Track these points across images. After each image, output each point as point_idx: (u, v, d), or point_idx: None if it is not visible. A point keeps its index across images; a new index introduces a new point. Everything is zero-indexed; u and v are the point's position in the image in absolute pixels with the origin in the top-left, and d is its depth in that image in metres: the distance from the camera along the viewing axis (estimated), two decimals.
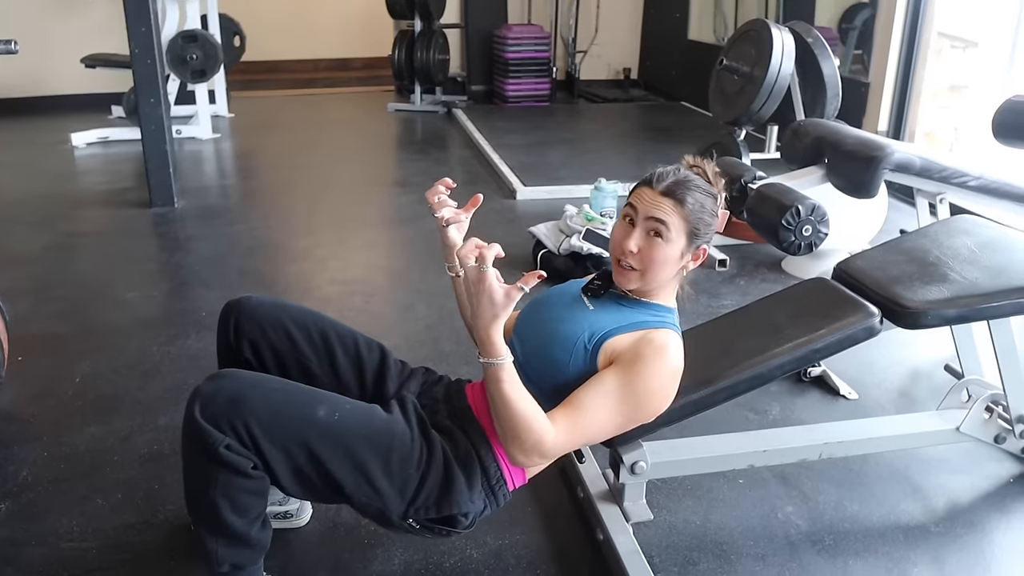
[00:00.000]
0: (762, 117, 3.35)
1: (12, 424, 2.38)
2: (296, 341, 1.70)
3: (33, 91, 6.97)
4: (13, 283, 3.39)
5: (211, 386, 1.44)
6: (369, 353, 1.75)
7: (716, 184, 1.59)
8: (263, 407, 1.43)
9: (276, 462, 1.43)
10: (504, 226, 4.17)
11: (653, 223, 1.52)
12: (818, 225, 2.43)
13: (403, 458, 1.52)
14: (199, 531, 1.49)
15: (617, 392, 1.48)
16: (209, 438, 1.39)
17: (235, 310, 1.72)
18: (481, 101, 7.52)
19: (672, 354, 1.52)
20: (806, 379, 2.60)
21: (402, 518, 1.53)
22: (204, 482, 1.43)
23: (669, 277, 1.57)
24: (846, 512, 2.02)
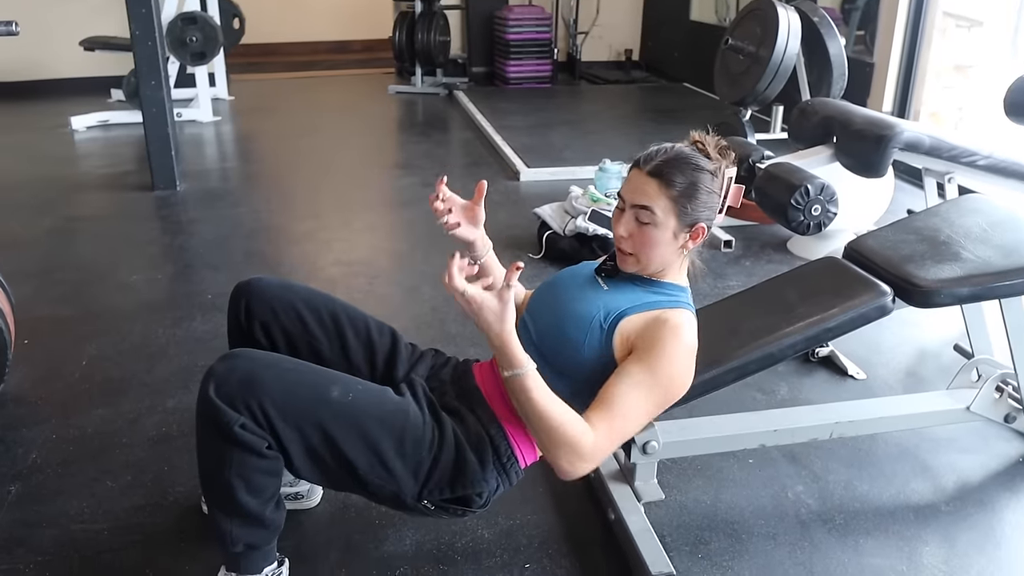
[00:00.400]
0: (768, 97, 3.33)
1: (20, 407, 2.38)
2: (307, 323, 1.70)
3: (32, 75, 6.93)
4: (16, 266, 3.36)
5: (225, 365, 1.44)
6: (380, 336, 1.75)
7: (724, 158, 1.56)
8: (277, 386, 1.43)
9: (290, 441, 1.43)
10: (508, 208, 4.16)
11: (638, 209, 1.51)
12: (827, 205, 2.42)
13: (416, 440, 1.51)
14: (213, 511, 1.49)
15: (645, 380, 1.46)
16: (224, 417, 1.39)
17: (246, 292, 1.72)
18: (482, 83, 7.48)
19: (688, 333, 1.51)
20: (814, 359, 2.60)
21: (416, 500, 1.53)
22: (219, 462, 1.43)
23: (667, 258, 1.55)
24: (856, 491, 2.02)
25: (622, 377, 1.48)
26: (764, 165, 2.61)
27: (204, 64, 5.91)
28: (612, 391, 1.47)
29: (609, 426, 1.44)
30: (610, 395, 1.46)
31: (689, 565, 1.78)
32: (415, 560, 1.79)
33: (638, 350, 1.50)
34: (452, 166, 5.01)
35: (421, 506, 1.55)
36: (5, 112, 6.37)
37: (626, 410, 1.45)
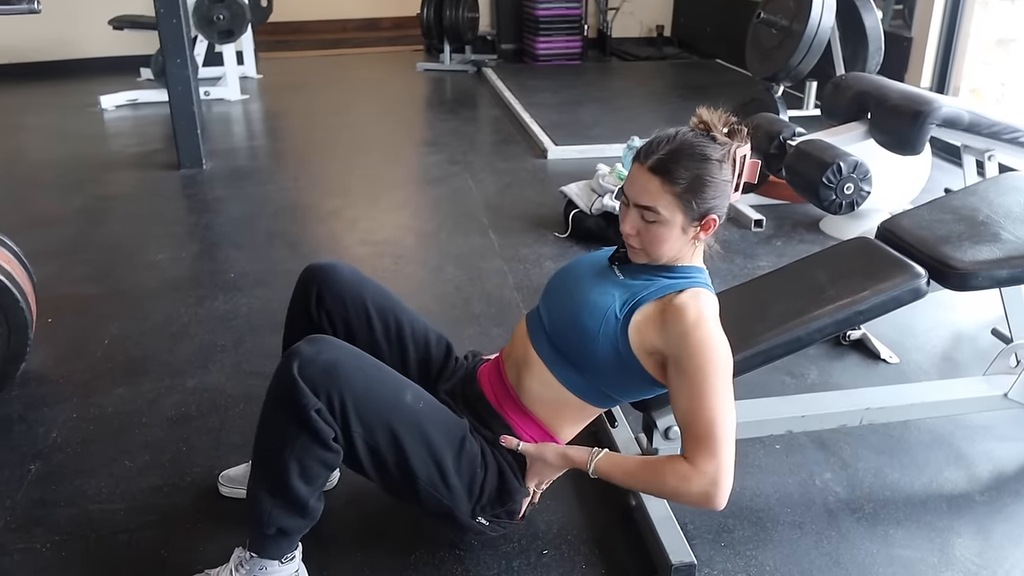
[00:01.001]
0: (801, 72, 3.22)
1: (43, 386, 2.38)
2: (372, 322, 1.69)
3: (61, 54, 6.96)
4: (43, 245, 3.38)
5: (312, 348, 1.42)
6: (437, 349, 1.75)
7: (735, 138, 1.49)
8: (359, 381, 1.42)
9: (358, 437, 1.42)
10: (535, 186, 4.10)
11: (641, 210, 1.46)
12: (860, 183, 2.33)
13: (471, 456, 1.52)
14: (258, 491, 1.47)
15: (694, 379, 1.40)
16: (303, 399, 1.37)
17: (319, 277, 1.70)
18: (511, 60, 7.40)
19: (705, 309, 1.46)
20: (845, 342, 2.53)
21: (471, 516, 1.54)
22: (283, 442, 1.41)
23: (679, 250, 1.50)
24: (886, 479, 1.96)
25: (677, 395, 1.43)
26: (795, 142, 2.52)
27: (231, 42, 5.90)
28: (683, 412, 1.42)
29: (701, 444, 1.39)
30: (685, 418, 1.42)
31: (711, 554, 1.73)
32: (432, 543, 1.76)
33: (674, 360, 1.44)
34: (480, 144, 4.96)
35: (476, 523, 1.56)
36: (36, 92, 6.41)
37: (702, 416, 1.39)
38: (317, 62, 7.75)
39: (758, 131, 2.67)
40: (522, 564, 1.71)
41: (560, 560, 1.72)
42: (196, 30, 5.78)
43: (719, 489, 1.38)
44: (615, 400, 1.61)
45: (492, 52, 7.50)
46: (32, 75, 6.78)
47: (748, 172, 1.52)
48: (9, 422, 2.20)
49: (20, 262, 2.43)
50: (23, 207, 3.95)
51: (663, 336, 1.45)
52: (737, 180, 1.51)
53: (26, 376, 2.39)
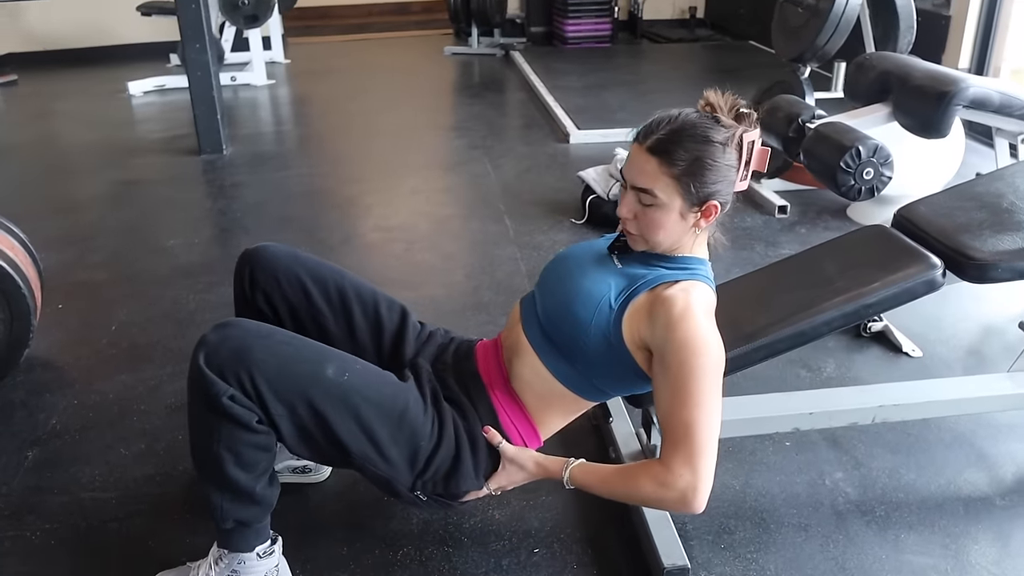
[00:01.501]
0: (828, 53, 3.09)
1: (48, 371, 2.38)
2: (312, 296, 1.62)
3: (93, 41, 7.02)
4: (62, 231, 3.41)
5: (218, 335, 1.37)
6: (389, 314, 1.67)
7: (744, 122, 1.41)
8: (270, 360, 1.36)
9: (280, 418, 1.36)
10: (554, 170, 4.03)
11: (639, 192, 1.38)
12: (881, 168, 2.21)
13: (414, 428, 1.44)
14: (204, 484, 1.44)
15: (677, 378, 1.33)
16: (213, 388, 1.32)
17: (251, 259, 1.65)
18: (540, 43, 7.30)
19: (696, 302, 1.38)
20: (866, 334, 2.42)
21: (410, 489, 1.47)
22: (208, 434, 1.37)
23: (677, 238, 1.42)
24: (901, 480, 1.87)
25: (660, 393, 1.36)
26: (814, 125, 2.41)
27: (257, 27, 5.88)
28: (664, 412, 1.35)
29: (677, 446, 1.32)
30: (665, 419, 1.35)
31: (709, 556, 1.66)
32: (420, 540, 1.71)
33: (659, 355, 1.37)
34: (502, 129, 4.88)
35: (414, 496, 1.48)
36: (67, 78, 6.47)
37: (683, 419, 1.32)
38: (345, 47, 7.73)
39: (777, 113, 2.56)
40: (512, 563, 1.66)
41: (551, 559, 1.66)
42: (222, 15, 5.78)
43: (697, 495, 1.31)
44: (606, 394, 1.54)
45: (521, 35, 7.41)
46: (64, 62, 6.86)
47: (757, 159, 1.43)
48: (11, 408, 2.20)
49: (26, 250, 2.43)
50: (46, 193, 3.98)
51: (650, 328, 1.38)
52: (744, 167, 1.42)
53: (32, 362, 2.40)
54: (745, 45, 6.96)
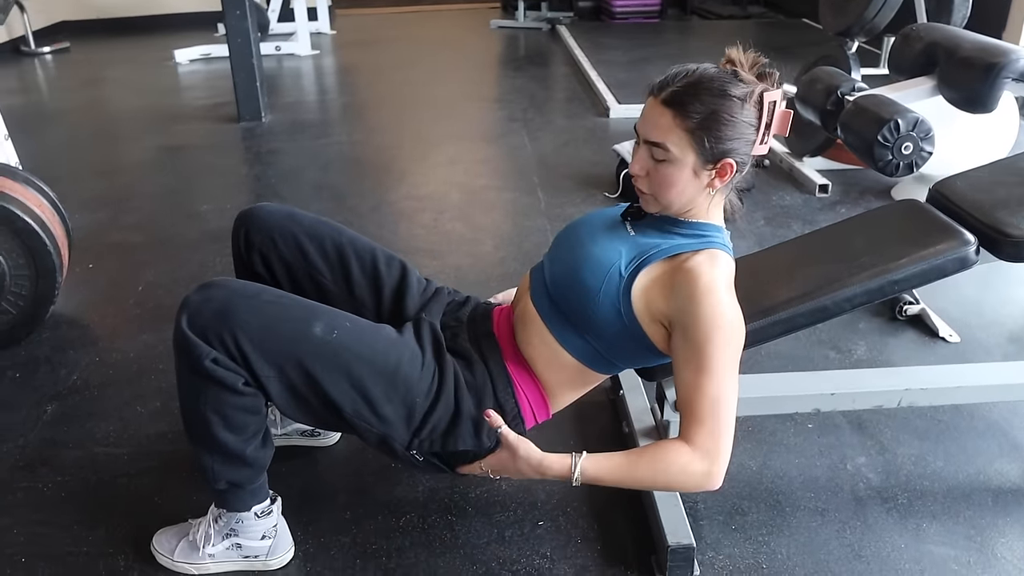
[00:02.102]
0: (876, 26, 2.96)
1: (73, 329, 2.41)
2: (308, 254, 1.59)
3: (142, 10, 7.11)
4: (98, 193, 3.45)
5: (200, 295, 1.34)
6: (388, 269, 1.63)
7: (766, 81, 1.34)
8: (254, 320, 1.32)
9: (268, 379, 1.33)
10: (592, 144, 3.96)
11: (651, 146, 1.32)
12: (921, 143, 2.10)
13: (409, 384, 1.39)
14: (195, 446, 1.42)
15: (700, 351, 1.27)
16: (195, 351, 1.30)
17: (246, 220, 1.62)
18: (588, 18, 7.18)
19: (717, 273, 1.31)
20: (902, 317, 2.33)
21: (406, 448, 1.42)
22: (194, 397, 1.35)
23: (690, 198, 1.35)
24: (927, 468, 1.79)
25: (680, 366, 1.31)
26: (853, 97, 2.31)
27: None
28: (679, 386, 1.30)
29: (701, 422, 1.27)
30: (681, 392, 1.30)
31: (719, 536, 1.61)
32: (424, 507, 1.69)
33: (681, 328, 1.31)
34: (543, 101, 4.81)
35: (411, 456, 1.44)
36: (116, 47, 6.57)
37: (706, 393, 1.27)
38: (392, 19, 7.70)
39: (815, 85, 2.46)
40: (515, 534, 1.62)
41: (555, 532, 1.63)
42: None
43: (720, 471, 1.28)
44: (615, 366, 1.49)
45: (568, 10, 7.30)
46: (115, 30, 6.96)
47: (779, 122, 1.36)
48: (36, 363, 2.23)
49: (55, 208, 2.45)
50: (89, 156, 4.04)
51: (671, 300, 1.32)
52: (765, 129, 1.35)
53: (59, 319, 2.43)
54: (798, 23, 6.76)
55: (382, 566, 1.55)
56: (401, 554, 1.58)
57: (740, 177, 1.38)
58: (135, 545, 1.60)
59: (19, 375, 2.18)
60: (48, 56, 6.26)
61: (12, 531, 1.65)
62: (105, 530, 1.64)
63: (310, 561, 1.57)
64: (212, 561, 1.53)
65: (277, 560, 1.54)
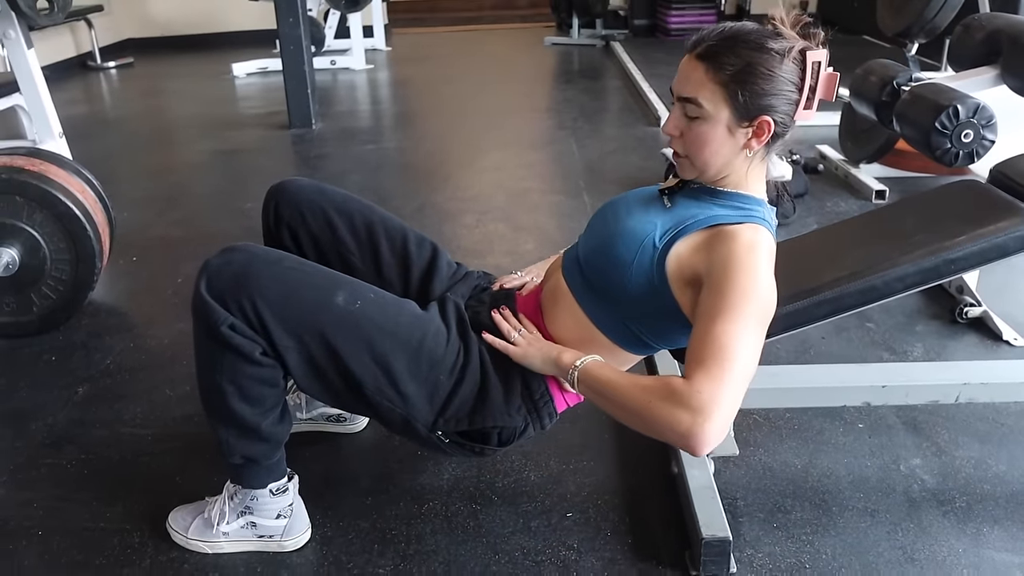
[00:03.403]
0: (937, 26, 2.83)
1: (112, 316, 2.42)
2: (337, 229, 1.55)
3: (204, 28, 7.29)
4: (148, 192, 3.51)
5: (221, 259, 1.30)
6: (419, 250, 1.58)
7: (810, 40, 1.25)
8: (275, 286, 1.28)
9: (287, 349, 1.28)
10: (641, 151, 3.90)
11: (684, 103, 1.24)
12: (982, 130, 1.98)
13: (434, 360, 1.33)
14: (210, 418, 1.38)
15: (725, 305, 1.15)
16: (212, 315, 1.26)
17: (276, 194, 1.59)
18: (643, 35, 7.14)
19: (760, 245, 1.22)
20: (962, 319, 2.19)
21: (430, 429, 1.36)
22: (210, 365, 1.31)
23: (727, 159, 1.26)
24: (988, 472, 1.66)
25: (701, 317, 1.18)
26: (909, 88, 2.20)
27: (357, 10, 5.96)
28: (695, 334, 1.18)
29: (705, 365, 1.10)
30: (698, 337, 1.16)
31: (759, 534, 1.51)
32: (448, 495, 1.62)
33: (709, 279, 1.21)
34: (593, 112, 4.76)
35: (435, 437, 1.37)
36: (178, 62, 6.73)
37: (720, 342, 1.12)
38: (446, 37, 7.77)
39: (869, 77, 2.36)
40: (541, 524, 1.54)
41: (584, 524, 1.54)
42: (325, 1, 5.89)
43: (708, 430, 1.06)
44: (648, 346, 1.40)
45: (624, 27, 7.27)
46: (177, 47, 7.15)
47: (824, 85, 1.26)
48: (72, 347, 2.23)
49: (99, 198, 2.46)
50: (142, 159, 4.12)
51: (707, 258, 1.23)
52: (810, 92, 1.26)
53: (98, 307, 2.45)
54: (857, 39, 6.61)
55: (400, 552, 1.49)
56: (421, 541, 1.51)
57: (783, 143, 1.29)
58: (152, 522, 1.56)
59: (55, 358, 2.18)
60: (113, 70, 6.44)
61: (32, 505, 1.63)
62: (123, 507, 1.61)
63: (327, 544, 1.51)
64: (226, 540, 1.48)
65: (292, 541, 1.49)
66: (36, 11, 2.54)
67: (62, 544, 1.52)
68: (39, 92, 2.73)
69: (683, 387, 1.09)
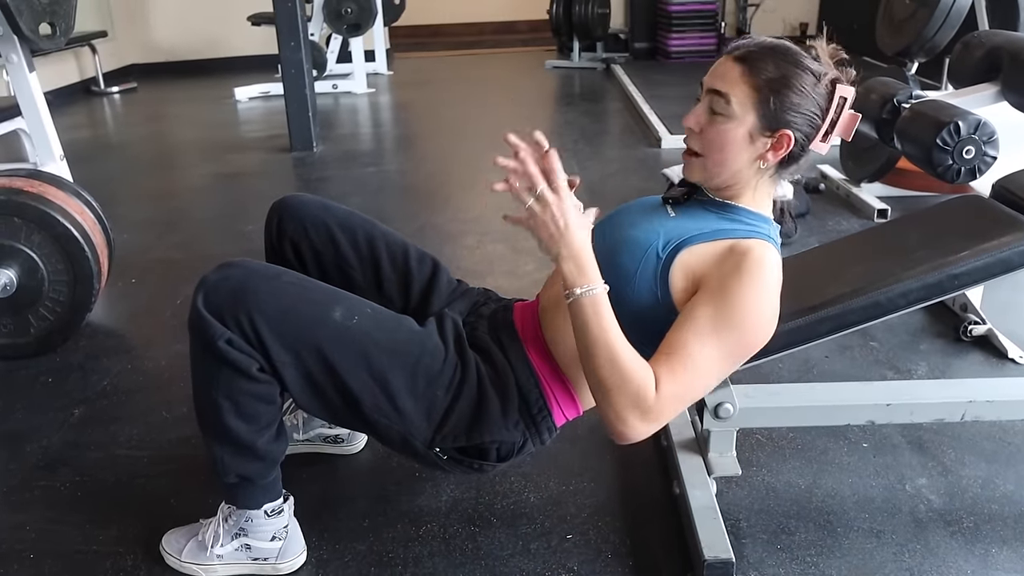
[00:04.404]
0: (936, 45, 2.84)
1: (110, 338, 2.41)
2: (339, 245, 1.54)
3: (207, 53, 7.33)
4: (149, 215, 3.51)
5: (218, 275, 1.29)
6: (419, 265, 1.57)
7: (840, 71, 1.26)
8: (273, 301, 1.27)
9: (284, 365, 1.27)
10: (642, 172, 3.91)
11: (713, 95, 1.24)
12: (984, 146, 1.97)
13: (431, 377, 1.32)
14: (205, 436, 1.36)
15: (715, 324, 1.19)
16: (209, 330, 1.25)
17: (279, 209, 1.59)
18: (643, 58, 7.17)
19: (769, 269, 1.22)
20: (967, 338, 2.17)
21: (427, 446, 1.34)
22: (206, 380, 1.30)
23: (739, 168, 1.26)
24: (996, 491, 1.63)
25: (688, 321, 1.21)
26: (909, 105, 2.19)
27: (359, 35, 6.00)
28: (677, 337, 1.21)
29: (675, 378, 1.19)
30: (674, 342, 1.21)
31: (763, 556, 1.48)
32: (446, 517, 1.59)
33: (706, 287, 1.23)
34: (593, 134, 4.77)
35: (433, 454, 1.36)
36: (180, 87, 6.77)
37: (696, 359, 1.19)
38: (448, 61, 7.81)
39: (870, 95, 2.36)
40: (541, 546, 1.52)
41: (584, 546, 1.51)
42: (326, 23, 5.93)
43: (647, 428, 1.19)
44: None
45: (624, 51, 7.31)
46: (180, 72, 7.19)
47: (845, 123, 1.28)
48: (68, 369, 2.22)
49: (98, 219, 2.45)
50: (143, 182, 4.13)
51: (711, 268, 1.24)
52: (830, 126, 1.26)
53: (96, 329, 2.43)
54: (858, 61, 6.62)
55: (398, 575, 1.46)
56: (418, 564, 1.49)
57: (794, 168, 1.29)
58: (145, 545, 1.54)
59: (51, 380, 2.16)
60: (116, 95, 6.48)
61: (24, 528, 1.60)
62: (117, 529, 1.59)
63: (322, 568, 1.48)
64: (220, 563, 1.46)
65: (287, 564, 1.46)
66: (38, 35, 2.55)
67: (54, 567, 1.50)
68: (40, 115, 2.74)
69: (651, 399, 1.18)
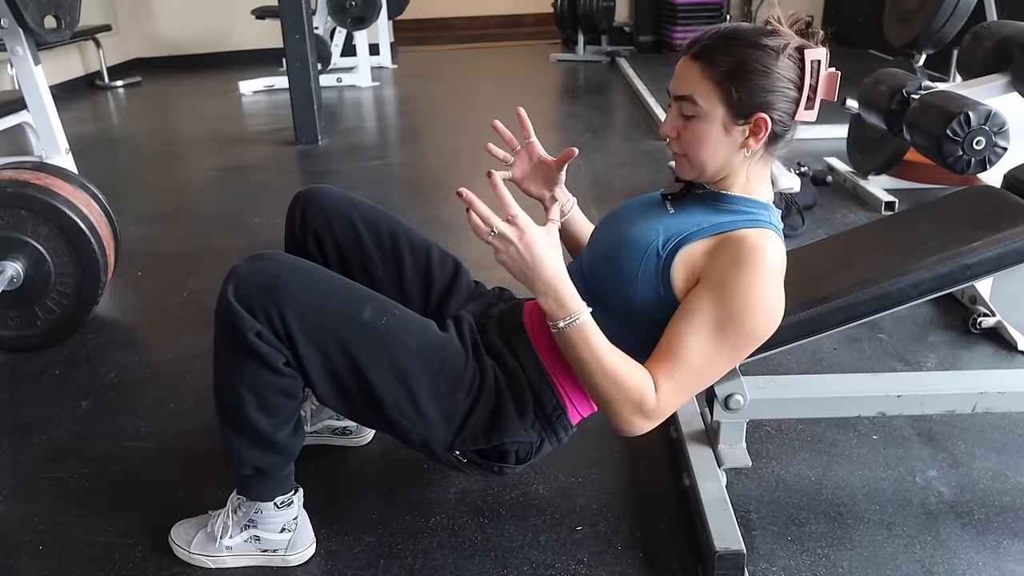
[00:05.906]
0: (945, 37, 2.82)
1: (117, 331, 2.40)
2: (363, 240, 1.54)
3: (211, 47, 7.33)
4: (155, 208, 3.51)
5: (250, 266, 1.28)
6: (441, 266, 1.57)
7: (808, 38, 1.24)
8: (302, 297, 1.27)
9: (310, 361, 1.27)
10: (648, 165, 3.89)
11: (679, 102, 1.25)
12: (994, 137, 1.95)
13: (453, 381, 1.32)
14: (224, 426, 1.36)
15: (716, 317, 1.19)
16: (240, 322, 1.24)
17: (303, 200, 1.58)
18: (648, 51, 7.15)
19: (771, 256, 1.21)
20: (976, 330, 2.16)
21: (448, 449, 1.34)
22: (231, 372, 1.30)
23: (725, 159, 1.25)
24: (1007, 483, 1.62)
25: (684, 316, 1.22)
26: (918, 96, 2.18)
27: (363, 29, 5.98)
28: (675, 332, 1.22)
29: (673, 377, 1.21)
30: (673, 338, 1.21)
31: (773, 548, 1.47)
32: (455, 509, 1.59)
33: (706, 280, 1.22)
34: (599, 127, 4.76)
35: (453, 457, 1.36)
36: (185, 80, 6.77)
37: (694, 356, 1.20)
38: (453, 55, 7.80)
39: (878, 86, 2.34)
40: (550, 538, 1.51)
41: (594, 538, 1.51)
42: (331, 18, 5.92)
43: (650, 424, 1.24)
44: None
45: (629, 44, 7.29)
46: (185, 66, 7.19)
47: (825, 84, 1.25)
48: (76, 361, 2.21)
49: (105, 212, 2.45)
50: (149, 176, 4.13)
51: (711, 261, 1.23)
52: (810, 91, 1.24)
53: (103, 321, 2.43)
54: (863, 54, 6.60)
55: (407, 566, 1.46)
56: (428, 555, 1.48)
57: (784, 144, 1.27)
58: (154, 537, 1.53)
59: (59, 372, 2.16)
60: (120, 89, 6.47)
61: (33, 519, 1.60)
62: (125, 521, 1.59)
63: (331, 559, 1.48)
64: (229, 554, 1.45)
65: (296, 556, 1.46)
66: (44, 28, 2.54)
67: (63, 559, 1.50)
68: (46, 109, 2.74)
69: (652, 402, 1.21)
